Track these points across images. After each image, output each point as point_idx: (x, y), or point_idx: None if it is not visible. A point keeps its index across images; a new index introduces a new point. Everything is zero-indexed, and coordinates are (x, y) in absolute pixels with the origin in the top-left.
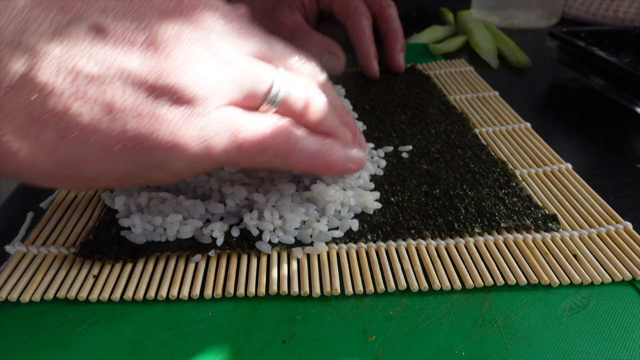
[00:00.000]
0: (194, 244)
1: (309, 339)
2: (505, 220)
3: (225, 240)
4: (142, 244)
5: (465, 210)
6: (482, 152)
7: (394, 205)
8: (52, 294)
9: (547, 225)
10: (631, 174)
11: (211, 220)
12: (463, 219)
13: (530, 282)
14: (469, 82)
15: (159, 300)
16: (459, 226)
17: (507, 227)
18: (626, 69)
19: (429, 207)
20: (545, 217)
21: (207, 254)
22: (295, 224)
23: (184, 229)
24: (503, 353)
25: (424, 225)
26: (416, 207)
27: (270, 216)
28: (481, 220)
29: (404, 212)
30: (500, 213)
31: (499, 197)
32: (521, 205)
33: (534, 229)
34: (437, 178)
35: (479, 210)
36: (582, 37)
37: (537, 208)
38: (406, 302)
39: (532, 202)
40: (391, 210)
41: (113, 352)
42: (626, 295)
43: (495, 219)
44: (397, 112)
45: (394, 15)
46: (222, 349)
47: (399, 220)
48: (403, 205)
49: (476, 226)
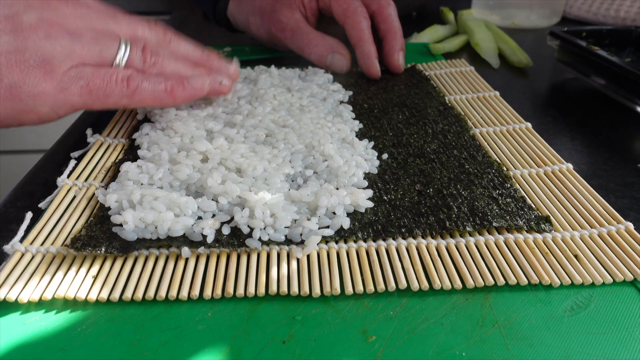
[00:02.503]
0: (184, 241)
1: (308, 339)
2: (498, 220)
3: (215, 237)
4: (133, 240)
5: (458, 209)
6: (478, 153)
7: (386, 203)
8: (51, 294)
9: (540, 226)
10: (632, 174)
11: (203, 218)
12: (455, 218)
13: (531, 282)
14: (469, 82)
15: (158, 301)
16: (450, 224)
17: (499, 226)
18: (627, 68)
19: (422, 205)
20: (538, 218)
21: (197, 250)
22: (286, 222)
23: (175, 226)
24: (504, 353)
25: (415, 223)
26: (408, 205)
27: (262, 214)
28: (473, 219)
29: (395, 211)
30: (492, 213)
31: (493, 198)
32: (514, 205)
33: (525, 230)
34: (431, 177)
35: (472, 209)
36: (583, 36)
37: (531, 209)
38: (406, 303)
39: (525, 203)
40: (383, 208)
41: (112, 352)
42: (627, 296)
43: (488, 219)
44: (394, 111)
45: (393, 15)
46: (222, 349)
47: (390, 218)
48: (395, 203)
49: (467, 225)
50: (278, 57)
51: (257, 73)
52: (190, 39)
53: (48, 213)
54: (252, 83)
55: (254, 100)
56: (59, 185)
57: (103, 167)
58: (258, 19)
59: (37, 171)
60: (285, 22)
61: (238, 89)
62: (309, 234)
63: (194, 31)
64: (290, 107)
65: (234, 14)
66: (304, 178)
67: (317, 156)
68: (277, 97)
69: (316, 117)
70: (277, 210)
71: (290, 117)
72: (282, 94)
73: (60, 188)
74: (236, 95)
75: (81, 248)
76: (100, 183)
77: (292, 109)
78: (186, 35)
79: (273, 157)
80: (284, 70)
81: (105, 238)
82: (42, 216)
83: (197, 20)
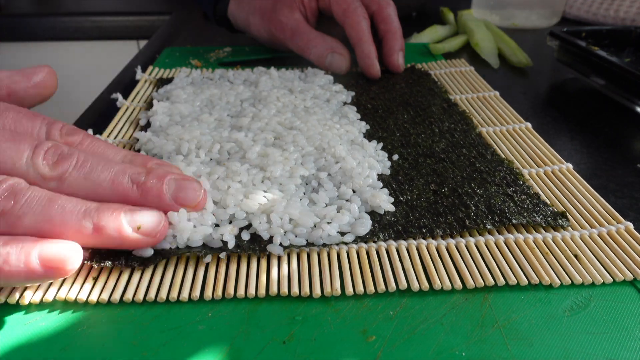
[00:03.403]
0: (204, 248)
1: (309, 339)
2: (516, 216)
3: (236, 243)
4: (150, 255)
5: (475, 208)
6: (487, 151)
7: (404, 204)
8: (52, 296)
9: (557, 222)
10: (632, 174)
11: (220, 225)
12: (474, 216)
13: (531, 282)
14: (470, 82)
15: (159, 302)
16: (470, 223)
17: (518, 223)
18: (627, 68)
19: (439, 205)
20: (555, 214)
21: (218, 255)
22: (306, 227)
23: (194, 236)
24: (503, 353)
25: (435, 223)
26: (426, 205)
27: (280, 220)
28: (492, 217)
29: (414, 211)
30: (510, 210)
31: (508, 195)
32: (530, 202)
33: (543, 226)
34: (444, 177)
35: (489, 207)
36: (582, 36)
37: (546, 205)
38: (406, 303)
39: (540, 200)
40: (401, 209)
41: (112, 352)
42: (627, 296)
43: (506, 216)
44: (399, 111)
45: (392, 15)
46: (222, 349)
47: (410, 219)
48: (413, 204)
49: (487, 222)
50: (278, 57)
51: (256, 75)
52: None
53: None
54: (252, 85)
55: (257, 102)
56: None
57: None
58: (258, 19)
59: None
60: (285, 22)
61: (240, 92)
62: (329, 239)
63: (194, 31)
64: (295, 108)
65: (234, 14)
66: (318, 180)
67: (328, 158)
68: (281, 98)
69: (322, 119)
70: (296, 216)
71: (297, 119)
72: (285, 96)
73: None
74: (238, 97)
75: (101, 261)
76: None
77: (297, 110)
78: (186, 35)
79: (285, 160)
80: (284, 72)
81: (124, 251)
82: None
83: (197, 20)
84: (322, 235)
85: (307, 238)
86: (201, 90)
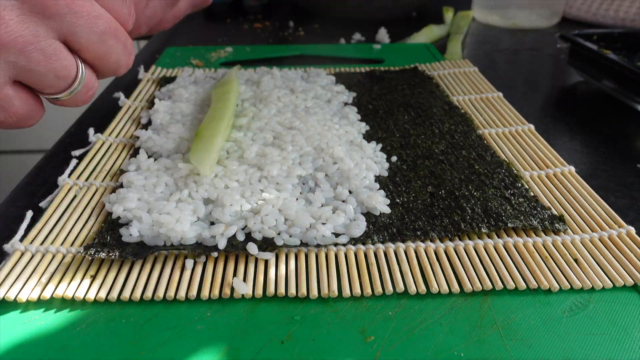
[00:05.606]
0: (198, 246)
1: (307, 339)
2: (512, 220)
3: (230, 242)
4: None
5: (472, 211)
6: (486, 153)
7: (399, 206)
8: (50, 294)
9: (554, 225)
10: (632, 174)
11: (215, 224)
12: (469, 219)
13: (530, 286)
14: (473, 83)
15: (157, 301)
16: (466, 226)
17: (514, 227)
18: (637, 71)
19: (435, 207)
20: (552, 217)
21: (211, 254)
22: (301, 227)
23: (187, 234)
24: (502, 354)
25: (430, 226)
26: (422, 208)
27: (275, 221)
28: (487, 220)
29: (409, 213)
30: (507, 213)
31: (505, 198)
32: (527, 205)
33: (541, 229)
34: (442, 179)
35: (485, 210)
36: (594, 39)
37: (544, 208)
38: (405, 303)
39: (538, 203)
40: (396, 211)
41: (111, 351)
42: (626, 297)
43: (502, 219)
44: (400, 112)
45: None
46: (221, 349)
47: (405, 221)
48: (408, 206)
49: (483, 226)
50: (278, 57)
51: (259, 75)
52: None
53: (48, 212)
54: (255, 85)
55: (258, 102)
56: (60, 184)
57: (103, 168)
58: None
59: (38, 171)
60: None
61: (242, 91)
62: (323, 240)
63: (195, 31)
64: (295, 108)
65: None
66: (315, 181)
67: (326, 159)
68: (282, 98)
69: (322, 119)
70: (292, 216)
71: (297, 119)
72: (286, 96)
73: (61, 187)
74: (240, 97)
75: (95, 254)
76: (102, 183)
77: (297, 110)
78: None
79: (283, 160)
80: (286, 72)
81: (118, 244)
82: (43, 215)
83: (197, 20)
84: (317, 236)
85: (302, 238)
86: (203, 89)
